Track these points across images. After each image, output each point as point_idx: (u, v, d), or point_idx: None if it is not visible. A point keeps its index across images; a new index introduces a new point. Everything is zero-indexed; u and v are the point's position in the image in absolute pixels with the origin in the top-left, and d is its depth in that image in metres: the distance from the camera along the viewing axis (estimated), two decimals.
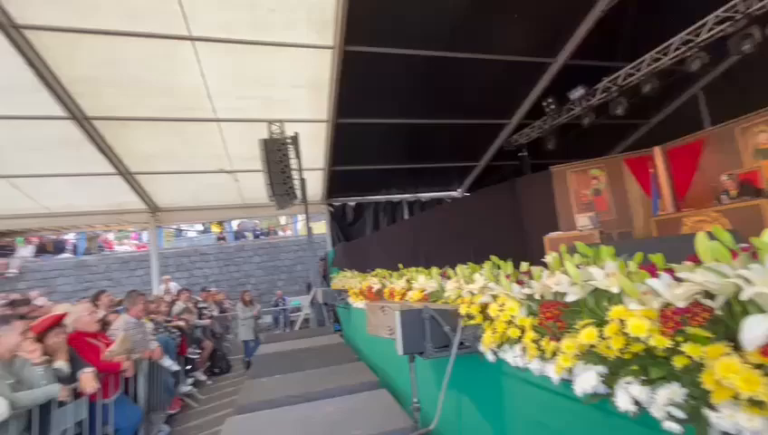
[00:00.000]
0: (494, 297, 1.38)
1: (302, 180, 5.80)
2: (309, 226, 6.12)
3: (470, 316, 1.51)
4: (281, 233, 14.31)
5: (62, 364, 2.30)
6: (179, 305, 5.02)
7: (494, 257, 1.58)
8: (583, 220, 5.74)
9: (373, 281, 3.26)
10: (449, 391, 1.62)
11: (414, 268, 2.56)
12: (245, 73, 5.20)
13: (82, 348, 2.50)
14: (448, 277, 1.97)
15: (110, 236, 11.99)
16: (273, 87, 5.48)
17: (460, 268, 1.81)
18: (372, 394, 2.43)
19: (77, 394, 2.31)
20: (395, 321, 1.55)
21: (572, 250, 1.17)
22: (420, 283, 2.19)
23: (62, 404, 2.21)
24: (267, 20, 4.45)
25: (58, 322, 2.37)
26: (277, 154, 5.56)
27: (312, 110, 5.93)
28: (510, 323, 1.25)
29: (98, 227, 8.53)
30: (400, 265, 2.80)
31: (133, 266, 10.60)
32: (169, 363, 3.54)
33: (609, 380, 0.88)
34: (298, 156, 5.73)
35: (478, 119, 6.72)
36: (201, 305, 5.97)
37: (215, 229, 13.18)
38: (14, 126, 5.15)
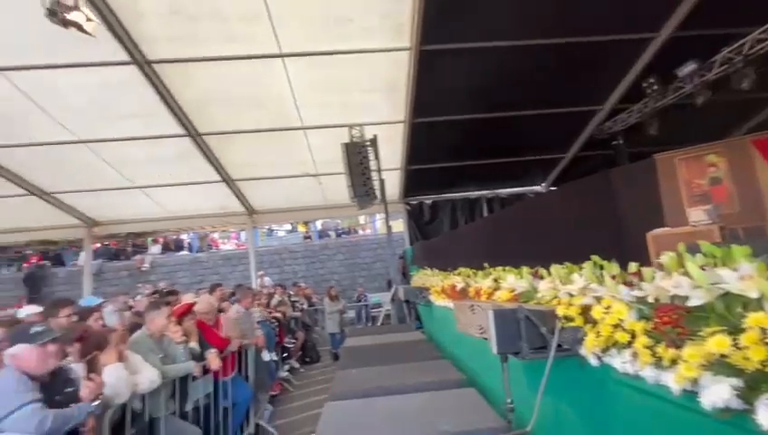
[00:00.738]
0: (598, 299, 1.31)
1: (381, 181, 5.99)
2: (388, 224, 6.29)
3: (569, 318, 1.45)
4: (360, 232, 14.91)
5: (194, 345, 2.74)
6: (277, 298, 5.55)
7: (595, 257, 1.49)
8: (697, 214, 4.96)
9: (457, 280, 3.25)
10: (545, 394, 1.58)
11: (501, 267, 2.50)
12: (327, 82, 5.53)
13: (206, 331, 2.95)
14: (541, 277, 1.90)
15: (216, 236, 13.71)
16: (352, 92, 5.75)
17: (555, 268, 1.74)
18: (460, 392, 2.44)
19: (205, 371, 2.72)
20: (488, 320, 1.55)
21: (693, 249, 1.07)
22: (509, 282, 2.15)
23: (194, 378, 2.63)
24: (346, 30, 4.69)
25: (190, 309, 2.83)
26: (358, 156, 5.81)
27: (390, 111, 6.09)
28: (617, 326, 1.18)
29: (206, 227, 9.78)
30: (485, 264, 2.75)
31: (235, 263, 11.97)
32: (268, 357, 3.95)
33: (747, 394, 0.79)
34: (377, 157, 5.93)
35: (565, 107, 6.24)
36: (293, 299, 6.51)
37: (301, 229, 14.24)
38: (147, 145, 6.15)
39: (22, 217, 7.29)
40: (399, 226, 8.83)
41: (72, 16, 3.57)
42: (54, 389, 1.77)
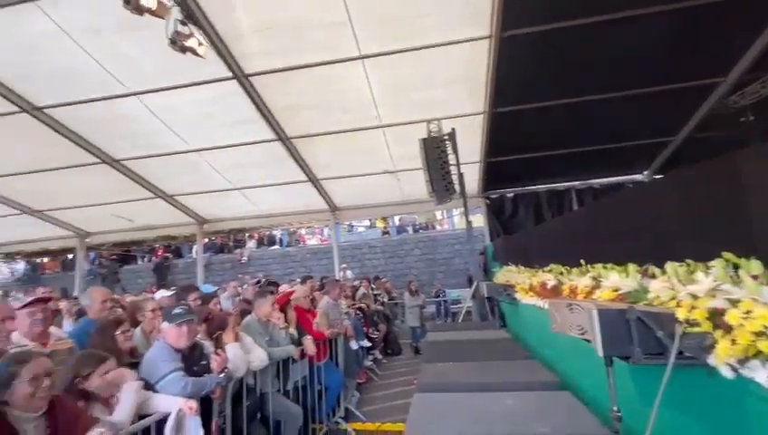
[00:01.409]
0: (733, 302, 1.15)
1: (460, 175, 5.88)
2: (468, 220, 6.16)
3: (692, 323, 1.29)
4: (438, 227, 14.84)
5: (293, 331, 3.03)
6: (361, 291, 5.81)
7: (727, 255, 1.30)
8: None
9: (547, 277, 3.08)
10: (660, 405, 1.43)
11: (600, 264, 2.31)
12: (405, 79, 5.58)
13: (302, 319, 3.23)
14: (652, 276, 1.72)
15: (303, 232, 14.80)
16: (429, 88, 5.73)
17: (672, 266, 1.56)
18: (554, 394, 2.32)
19: (302, 355, 2.99)
20: (591, 320, 1.46)
21: None
22: (612, 281, 1.97)
23: (293, 361, 2.91)
24: (423, 26, 4.69)
25: (289, 298, 3.13)
26: (436, 151, 5.78)
27: (468, 103, 5.94)
28: (761, 334, 1.03)
29: (294, 224, 10.58)
30: (581, 261, 2.56)
31: (320, 256, 12.82)
32: (356, 345, 4.16)
33: None
34: (455, 151, 5.83)
35: (674, 83, 5.46)
36: (375, 292, 6.75)
37: (379, 224, 14.65)
38: (244, 150, 6.85)
39: (151, 216, 8.67)
40: (479, 220, 8.59)
41: (188, 43, 4.13)
42: (192, 361, 2.11)
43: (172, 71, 5.03)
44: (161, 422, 1.81)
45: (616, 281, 1.93)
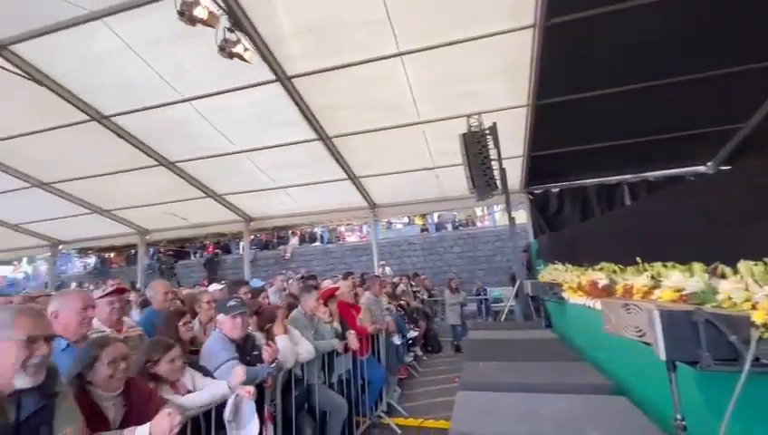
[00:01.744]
0: None
1: (502, 170, 5.73)
2: (511, 216, 5.99)
3: None
4: (479, 224, 14.54)
5: (337, 325, 3.11)
6: (401, 288, 5.83)
7: None
8: None
9: (598, 275, 2.93)
10: (731, 416, 1.32)
11: (659, 263, 2.17)
12: (444, 74, 5.51)
13: (346, 314, 3.31)
14: (722, 275, 1.59)
15: (343, 229, 15.09)
16: (469, 81, 5.62)
17: (745, 265, 1.43)
18: (607, 399, 2.22)
19: (346, 349, 3.06)
20: (651, 321, 1.37)
21: None
22: (674, 280, 1.85)
23: (338, 355, 2.99)
24: (463, 18, 4.60)
25: (333, 293, 3.23)
26: (476, 146, 5.66)
27: (511, 96, 5.76)
28: None
29: (334, 221, 10.81)
30: (637, 259, 2.41)
31: (359, 253, 13.01)
32: (399, 341, 4.20)
33: None
34: (497, 145, 5.68)
35: (747, 63, 4.95)
36: (415, 289, 6.75)
37: (418, 221, 14.61)
38: (287, 150, 7.09)
39: (203, 215, 9.22)
40: (522, 217, 8.31)
41: (236, 49, 4.34)
42: (246, 351, 2.24)
43: (220, 76, 5.30)
44: (220, 406, 1.95)
45: (678, 280, 1.81)
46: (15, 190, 7.91)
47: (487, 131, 5.66)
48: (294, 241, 14.62)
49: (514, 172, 7.25)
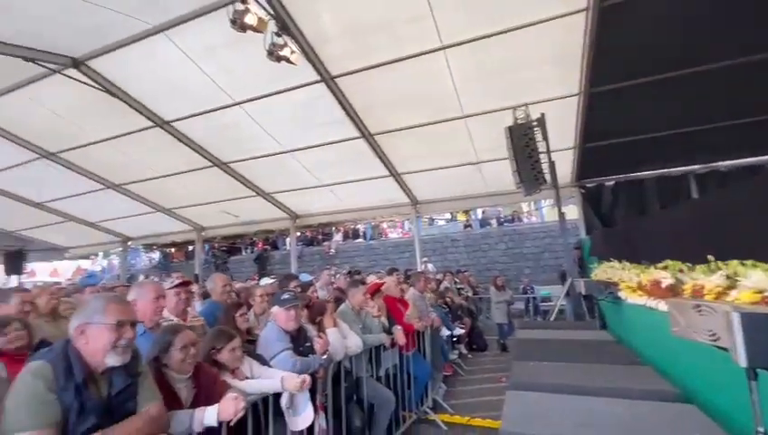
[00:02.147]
0: None
1: (552, 163, 5.48)
2: (561, 211, 5.72)
3: None
4: (525, 219, 14.02)
5: (384, 320, 3.16)
6: (444, 284, 5.78)
7: None
8: None
9: (662, 274, 2.73)
10: None
11: (736, 261, 1.98)
12: (488, 66, 5.35)
13: (392, 309, 3.35)
14: None
15: (385, 225, 15.21)
16: (515, 72, 5.42)
17: None
18: (675, 407, 2.07)
19: (392, 344, 3.10)
20: (730, 325, 1.26)
21: None
22: (755, 280, 1.68)
23: (384, 349, 3.03)
24: (510, 6, 4.44)
25: (379, 288, 3.28)
26: (523, 139, 5.46)
27: (560, 85, 5.49)
28: None
29: (377, 218, 10.92)
30: (710, 257, 2.21)
31: (402, 250, 13.05)
32: (448, 332, 4.17)
33: None
34: (545, 138, 5.44)
35: None
36: (459, 286, 6.66)
37: (461, 218, 14.36)
38: (331, 149, 7.25)
39: (253, 212, 9.69)
40: (573, 212, 7.90)
41: (283, 52, 4.50)
42: (299, 342, 2.34)
43: (268, 79, 5.53)
44: (277, 393, 2.06)
45: (760, 280, 1.64)
46: (92, 192, 8.79)
47: (535, 123, 5.44)
48: (338, 237, 14.97)
49: (564, 165, 6.91)
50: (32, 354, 2.09)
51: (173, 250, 16.01)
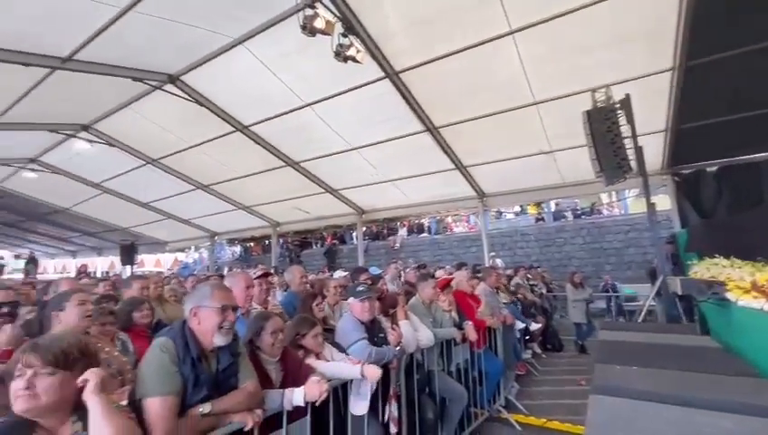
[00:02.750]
0: None
1: (638, 148, 4.94)
2: (650, 202, 5.13)
3: None
4: (605, 211, 12.85)
5: (454, 314, 3.13)
6: (516, 280, 5.55)
7: None
8: None
9: None
10: None
11: None
12: (562, 47, 4.99)
13: (462, 304, 3.31)
14: None
15: (450, 219, 14.99)
16: (593, 51, 4.98)
17: None
18: None
19: (463, 339, 3.06)
20: None
21: None
22: None
23: (455, 344, 3.01)
24: None
25: (449, 283, 3.26)
26: (604, 124, 4.98)
27: (649, 61, 4.93)
28: None
29: (441, 212, 10.80)
30: None
31: (468, 244, 12.76)
32: (521, 326, 4.01)
33: None
34: (630, 121, 4.91)
35: None
36: (531, 283, 6.34)
37: (531, 211, 13.61)
38: (395, 144, 7.31)
39: (322, 208, 10.17)
40: (664, 202, 7.06)
41: (349, 52, 4.63)
42: (373, 332, 2.43)
43: (335, 80, 5.75)
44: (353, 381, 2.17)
45: None
46: (186, 192, 9.91)
47: (618, 105, 4.93)
48: (403, 232, 15.10)
49: (654, 151, 6.20)
50: (151, 332, 2.46)
51: (252, 244, 17.44)
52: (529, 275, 6.90)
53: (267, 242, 14.76)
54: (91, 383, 1.22)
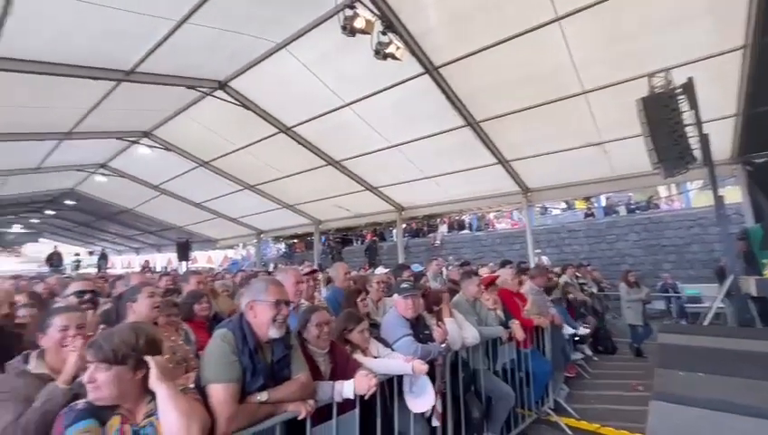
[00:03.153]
0: None
1: (703, 136, 4.53)
2: (718, 195, 4.70)
3: None
4: (664, 206, 11.91)
5: (500, 313, 3.07)
6: (564, 278, 5.32)
7: None
8: None
9: None
10: None
11: None
12: (613, 32, 4.69)
13: (508, 302, 3.22)
14: None
15: (491, 216, 14.61)
16: (651, 33, 4.64)
17: None
18: None
19: (509, 338, 2.99)
20: None
21: None
22: None
23: (501, 343, 2.94)
24: None
25: (494, 280, 3.19)
26: (663, 111, 4.61)
27: (715, 41, 4.51)
28: None
29: (483, 208, 10.55)
30: None
31: (511, 241, 12.35)
32: (571, 330, 3.85)
33: None
34: (694, 106, 4.51)
35: None
36: (581, 281, 6.04)
37: (579, 206, 12.91)
38: (435, 140, 7.24)
39: (363, 206, 10.30)
40: (734, 195, 6.44)
41: (389, 50, 4.64)
42: (418, 329, 2.43)
43: (374, 78, 5.79)
44: (401, 376, 2.19)
45: None
46: (234, 193, 10.45)
47: (679, 90, 4.54)
48: (443, 229, 14.92)
49: (722, 138, 5.66)
50: (209, 323, 2.63)
51: (295, 241, 18.05)
52: (578, 274, 6.56)
53: (310, 239, 15.20)
54: (153, 372, 1.35)
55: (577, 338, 4.79)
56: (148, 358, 1.36)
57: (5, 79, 4.87)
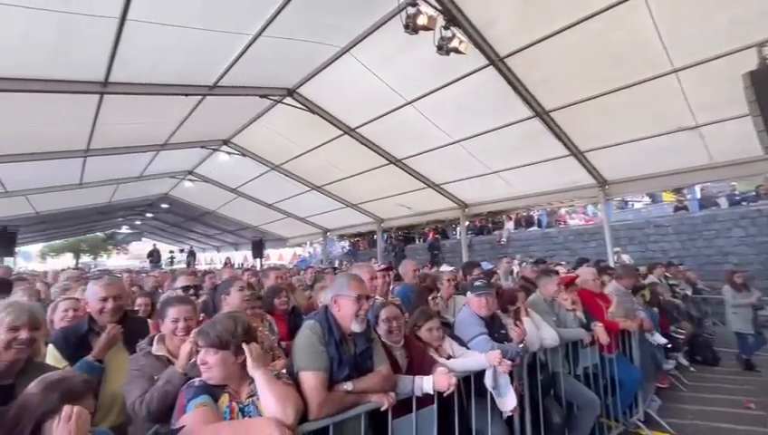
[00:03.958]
0: None
1: None
2: None
3: None
4: None
5: (580, 314, 2.87)
6: (651, 279, 4.82)
7: None
8: None
9: None
10: None
11: None
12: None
13: (590, 304, 3.01)
14: None
15: (563, 211, 13.67)
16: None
17: None
18: None
19: (591, 341, 2.78)
20: None
21: None
22: None
23: (582, 346, 2.75)
24: None
25: (573, 280, 2.99)
26: None
27: None
28: None
29: (554, 203, 9.92)
30: None
31: (586, 238, 11.44)
32: (661, 340, 3.49)
33: None
34: None
35: None
36: (671, 283, 5.42)
37: (667, 198, 11.54)
38: (500, 133, 6.96)
39: (425, 204, 10.27)
40: None
41: (452, 44, 4.56)
42: (494, 328, 2.38)
43: (435, 74, 5.73)
44: (478, 374, 2.16)
45: None
46: (302, 193, 11.03)
47: None
48: (510, 226, 14.28)
49: None
50: (288, 316, 2.82)
51: (359, 239, 18.54)
52: (668, 274, 5.88)
53: (373, 237, 15.51)
54: (249, 359, 1.50)
55: (669, 345, 4.31)
56: (244, 345, 1.51)
57: (120, 101, 5.67)
